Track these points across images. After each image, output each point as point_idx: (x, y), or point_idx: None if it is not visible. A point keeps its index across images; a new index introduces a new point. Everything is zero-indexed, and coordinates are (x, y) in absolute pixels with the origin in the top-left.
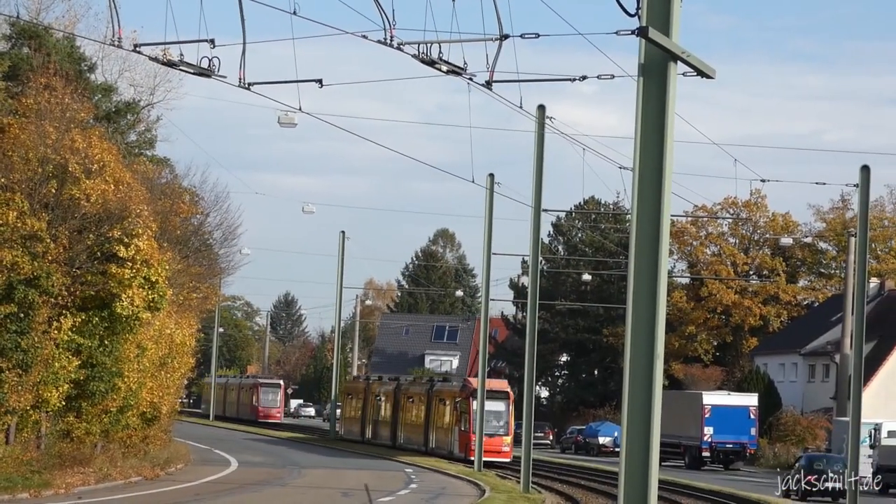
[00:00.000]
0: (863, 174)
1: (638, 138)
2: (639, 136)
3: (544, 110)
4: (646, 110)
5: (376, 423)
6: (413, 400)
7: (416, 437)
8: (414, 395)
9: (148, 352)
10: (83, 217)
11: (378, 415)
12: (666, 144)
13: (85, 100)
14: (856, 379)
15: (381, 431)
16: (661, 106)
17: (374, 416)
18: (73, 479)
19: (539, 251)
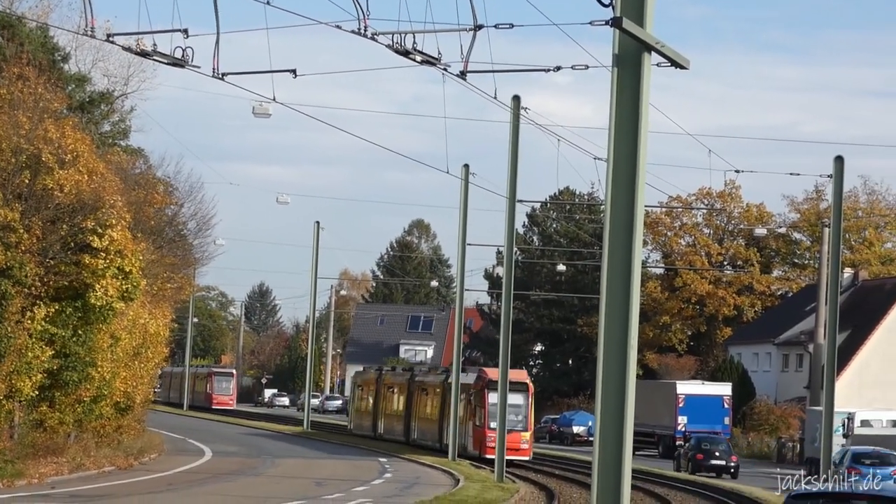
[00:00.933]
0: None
1: (612, 129)
2: (613, 126)
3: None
4: (620, 101)
5: (389, 418)
6: (427, 392)
7: (431, 433)
8: (428, 387)
9: (121, 342)
10: (57, 207)
11: (390, 408)
12: (640, 135)
13: (58, 90)
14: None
15: (394, 426)
16: (636, 96)
17: (387, 409)
18: (47, 469)
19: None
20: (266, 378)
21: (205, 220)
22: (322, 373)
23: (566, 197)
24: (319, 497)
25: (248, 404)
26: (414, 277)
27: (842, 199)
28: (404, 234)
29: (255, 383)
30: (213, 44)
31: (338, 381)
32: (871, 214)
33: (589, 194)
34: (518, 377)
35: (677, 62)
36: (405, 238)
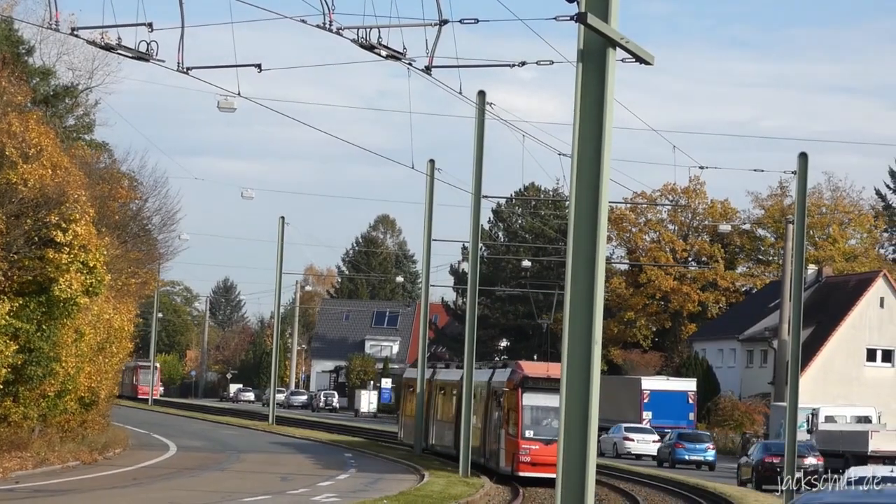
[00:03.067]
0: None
1: (577, 124)
2: (577, 122)
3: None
4: (584, 96)
5: (440, 427)
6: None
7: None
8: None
9: (86, 337)
10: (20, 202)
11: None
12: (604, 131)
13: (22, 83)
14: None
15: (445, 437)
16: (600, 92)
17: (437, 416)
18: (11, 464)
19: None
20: (231, 373)
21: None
22: (287, 368)
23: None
24: (284, 492)
25: (214, 399)
26: (379, 273)
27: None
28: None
29: (221, 378)
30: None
31: (303, 377)
32: (835, 211)
33: (554, 190)
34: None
35: (642, 58)
36: (370, 233)
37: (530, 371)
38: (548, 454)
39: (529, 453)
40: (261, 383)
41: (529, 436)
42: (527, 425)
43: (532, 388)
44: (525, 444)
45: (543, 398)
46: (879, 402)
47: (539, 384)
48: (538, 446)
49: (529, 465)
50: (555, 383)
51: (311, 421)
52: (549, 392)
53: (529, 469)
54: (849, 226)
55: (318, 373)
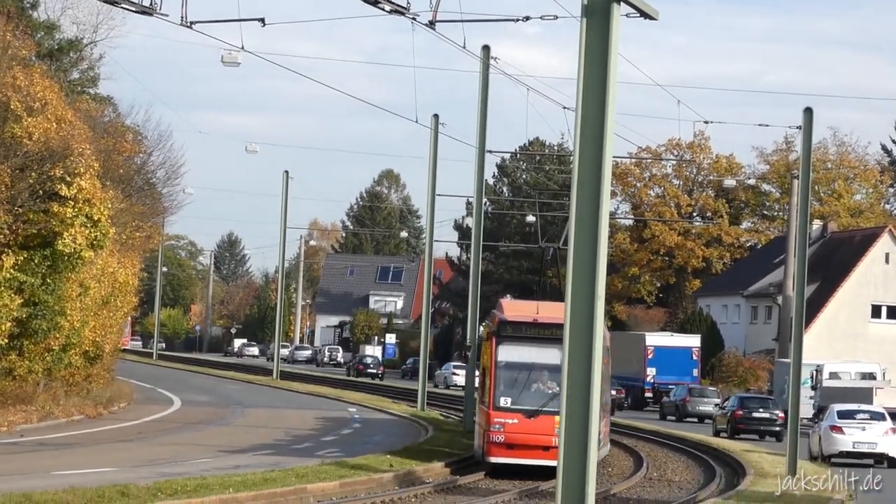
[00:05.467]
0: (806, 116)
1: (581, 79)
2: (582, 77)
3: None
4: (589, 51)
5: None
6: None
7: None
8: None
9: (90, 290)
10: (25, 155)
11: None
12: (609, 85)
13: (27, 37)
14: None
15: None
16: (604, 47)
17: None
18: (16, 418)
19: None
20: (235, 328)
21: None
22: (292, 323)
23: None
24: (289, 446)
25: (218, 354)
26: (383, 228)
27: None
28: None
29: (225, 333)
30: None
31: (307, 332)
32: (840, 166)
33: (559, 145)
34: (554, 315)
35: (646, 12)
36: (375, 188)
37: (511, 313)
38: (529, 431)
39: (503, 430)
40: (265, 338)
41: (505, 405)
42: (502, 390)
43: (511, 336)
44: (498, 418)
45: (527, 351)
46: (884, 358)
47: (521, 331)
48: (516, 420)
49: (503, 447)
50: (545, 331)
51: (315, 376)
52: (537, 343)
53: (503, 453)
54: (854, 181)
55: (323, 328)
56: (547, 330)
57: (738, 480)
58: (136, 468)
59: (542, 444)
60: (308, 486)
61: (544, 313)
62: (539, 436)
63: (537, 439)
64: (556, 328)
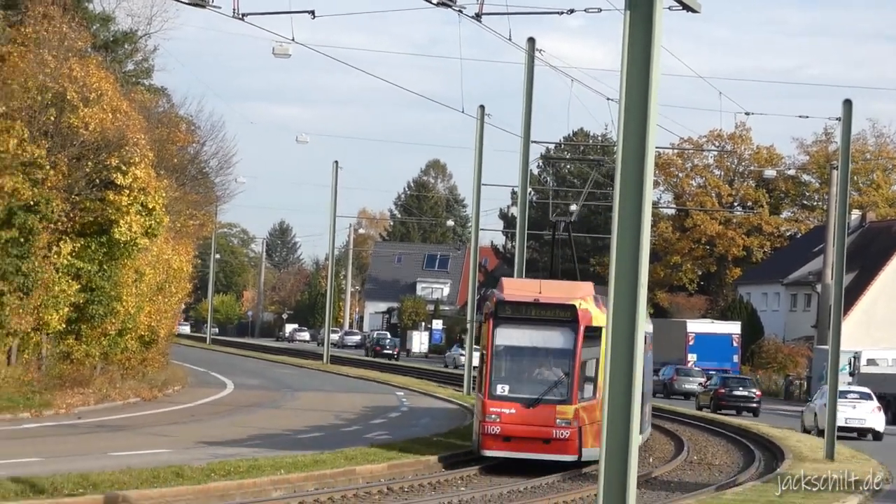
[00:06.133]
0: (845, 108)
1: (624, 72)
2: (625, 69)
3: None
4: (632, 44)
5: None
6: None
7: None
8: None
9: (146, 277)
10: (82, 145)
11: None
12: (652, 78)
13: (83, 29)
14: (836, 308)
15: None
16: (647, 39)
17: None
18: (74, 400)
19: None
20: (287, 313)
21: (226, 159)
22: (341, 309)
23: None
24: (338, 429)
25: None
26: (430, 217)
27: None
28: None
29: (277, 318)
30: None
31: (356, 317)
32: (878, 157)
33: (602, 135)
34: (557, 294)
35: (689, 6)
36: (422, 178)
37: (511, 292)
38: (528, 423)
39: (500, 420)
40: (315, 323)
41: (501, 393)
42: (497, 377)
43: (510, 318)
44: (494, 407)
45: (528, 334)
46: None
47: (521, 312)
48: (514, 409)
49: (499, 439)
50: (547, 311)
51: (364, 360)
52: (538, 325)
53: (499, 446)
54: (892, 171)
55: (371, 314)
56: (549, 311)
57: (777, 464)
58: (189, 450)
59: (541, 437)
60: (357, 468)
61: (547, 293)
62: (538, 427)
63: (536, 431)
64: (560, 309)
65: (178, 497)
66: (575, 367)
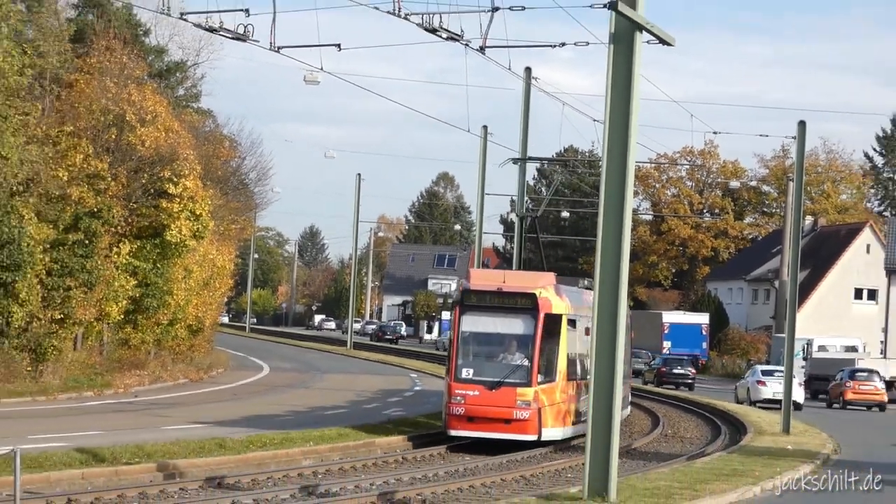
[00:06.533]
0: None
1: (608, 96)
2: (609, 94)
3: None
4: (615, 73)
5: None
6: None
7: None
8: None
9: (193, 274)
10: (139, 159)
11: None
12: (632, 102)
13: (140, 59)
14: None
15: None
16: (629, 69)
17: None
18: (130, 381)
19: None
20: (316, 305)
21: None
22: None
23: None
24: (360, 406)
25: (301, 328)
26: (440, 222)
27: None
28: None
29: (307, 310)
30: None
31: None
32: (829, 171)
33: (589, 152)
34: (519, 284)
35: (664, 40)
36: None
37: (476, 281)
38: (490, 404)
39: (464, 402)
40: (340, 314)
41: (466, 376)
42: (463, 361)
43: (475, 306)
44: (459, 389)
45: (492, 321)
46: (865, 334)
47: (486, 300)
48: (477, 391)
49: (463, 419)
50: (510, 300)
51: (383, 347)
52: (501, 312)
53: (463, 426)
54: (840, 183)
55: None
56: (511, 299)
57: (740, 437)
58: (231, 424)
59: (503, 417)
60: (376, 440)
61: (511, 282)
62: (500, 408)
63: (498, 412)
64: (521, 297)
65: (221, 465)
66: (535, 351)
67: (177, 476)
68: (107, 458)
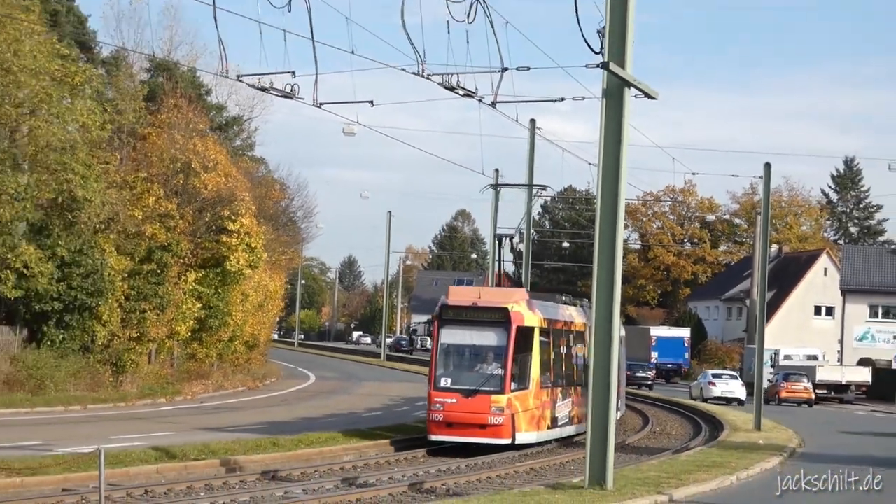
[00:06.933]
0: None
1: (602, 143)
2: (602, 141)
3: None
4: (608, 122)
5: None
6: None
7: None
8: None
9: (250, 297)
10: (202, 201)
11: None
12: (622, 147)
13: (203, 115)
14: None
15: None
16: (619, 119)
17: None
18: (197, 389)
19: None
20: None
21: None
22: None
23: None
24: (392, 409)
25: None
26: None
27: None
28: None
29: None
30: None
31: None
32: (791, 205)
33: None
34: (493, 299)
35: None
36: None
37: (454, 297)
38: (466, 410)
39: (443, 409)
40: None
41: (445, 385)
42: (441, 371)
43: (452, 320)
44: (438, 397)
45: (468, 334)
46: (824, 344)
47: (462, 315)
48: (455, 399)
49: (442, 425)
50: (485, 314)
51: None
52: (477, 326)
53: (442, 431)
54: (801, 216)
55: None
56: (486, 313)
57: (718, 433)
58: (283, 425)
59: (478, 423)
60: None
61: (486, 297)
62: (475, 414)
63: (474, 417)
64: (495, 311)
65: (275, 461)
66: (508, 361)
67: (237, 470)
68: (178, 455)
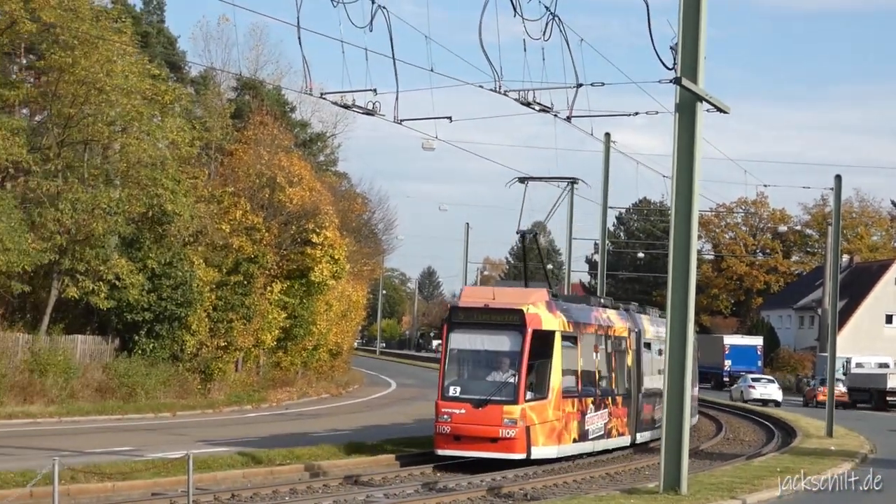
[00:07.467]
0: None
1: (675, 156)
2: (675, 155)
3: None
4: (681, 136)
5: None
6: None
7: None
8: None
9: (333, 307)
10: (287, 214)
11: None
12: (695, 160)
13: (288, 132)
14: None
15: None
16: (692, 133)
17: None
18: (282, 396)
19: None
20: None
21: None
22: None
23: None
24: None
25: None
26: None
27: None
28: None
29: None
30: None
31: None
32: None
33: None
34: (508, 300)
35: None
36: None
37: (465, 299)
38: (476, 422)
39: (451, 420)
40: None
41: (453, 394)
42: (450, 380)
43: (462, 323)
44: (446, 408)
45: (479, 338)
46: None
47: (473, 317)
48: (464, 410)
49: (450, 438)
50: (497, 316)
51: None
52: (489, 329)
53: (450, 445)
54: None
55: None
56: (498, 315)
57: (791, 440)
58: (364, 431)
59: (489, 436)
60: None
61: (500, 298)
62: (486, 426)
63: (484, 430)
64: (508, 313)
65: (358, 465)
66: (522, 368)
67: (321, 475)
68: (263, 460)
